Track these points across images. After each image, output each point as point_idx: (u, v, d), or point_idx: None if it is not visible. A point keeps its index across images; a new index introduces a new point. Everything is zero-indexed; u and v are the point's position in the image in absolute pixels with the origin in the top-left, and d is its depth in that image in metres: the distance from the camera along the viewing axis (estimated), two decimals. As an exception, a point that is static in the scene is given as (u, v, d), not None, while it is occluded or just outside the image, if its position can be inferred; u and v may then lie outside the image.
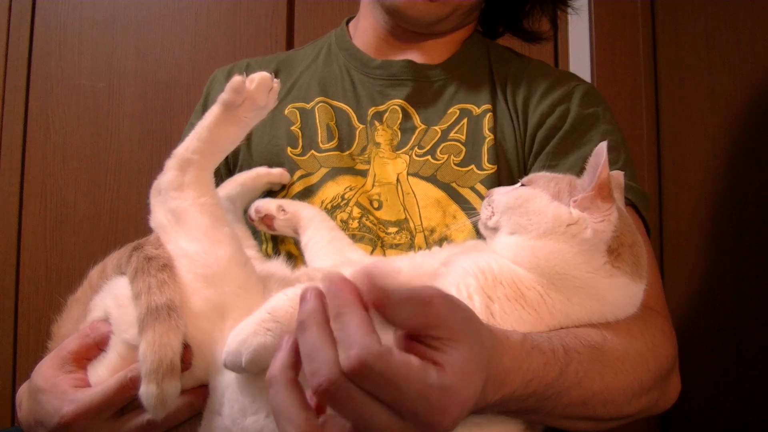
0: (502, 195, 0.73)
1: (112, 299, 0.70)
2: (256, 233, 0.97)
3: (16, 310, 1.64)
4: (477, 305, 0.63)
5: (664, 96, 1.55)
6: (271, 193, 0.98)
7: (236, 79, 0.71)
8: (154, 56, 1.68)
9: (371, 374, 0.44)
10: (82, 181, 1.66)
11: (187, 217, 0.68)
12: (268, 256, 0.96)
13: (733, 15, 1.34)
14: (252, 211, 0.92)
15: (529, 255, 0.66)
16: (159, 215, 0.70)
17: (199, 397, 0.66)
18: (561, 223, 0.66)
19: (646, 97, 1.55)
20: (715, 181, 1.35)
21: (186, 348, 0.63)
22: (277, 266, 0.81)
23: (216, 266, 0.66)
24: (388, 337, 0.48)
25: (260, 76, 0.72)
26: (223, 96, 0.71)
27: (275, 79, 0.73)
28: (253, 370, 0.53)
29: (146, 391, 0.60)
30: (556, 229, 0.66)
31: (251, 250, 0.93)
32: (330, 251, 0.86)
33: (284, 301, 0.55)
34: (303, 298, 0.50)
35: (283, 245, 0.95)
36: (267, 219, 0.91)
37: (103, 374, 0.68)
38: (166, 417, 0.63)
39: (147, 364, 0.60)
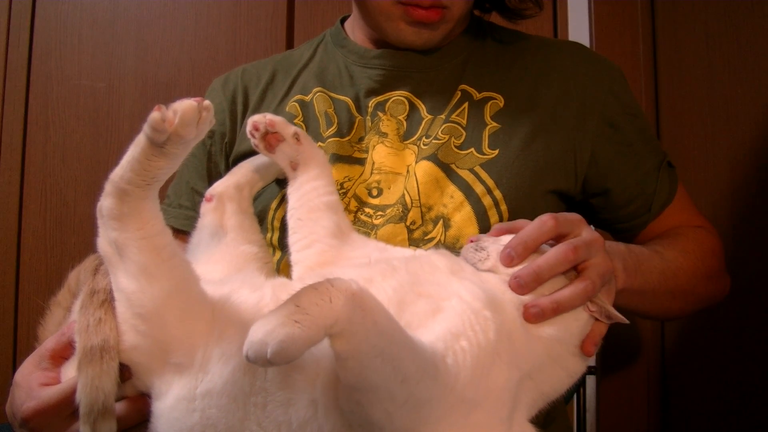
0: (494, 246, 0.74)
1: None
2: (263, 223, 0.95)
3: (16, 310, 1.65)
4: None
5: (664, 96, 1.55)
6: (280, 182, 0.95)
7: (154, 116, 0.61)
8: (154, 56, 1.69)
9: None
10: (82, 181, 1.66)
11: (127, 252, 0.65)
12: (272, 246, 0.94)
13: (733, 15, 1.33)
14: (262, 122, 0.85)
15: None
16: (103, 242, 0.68)
17: (146, 403, 0.68)
18: None
19: (646, 97, 1.55)
20: (715, 180, 1.35)
21: (124, 368, 0.66)
22: (243, 293, 0.73)
23: (151, 304, 0.65)
24: None
25: (183, 110, 0.61)
26: (146, 130, 0.63)
27: (205, 103, 0.63)
28: (278, 362, 0.49)
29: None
30: None
31: (253, 245, 0.90)
32: (326, 211, 0.84)
33: (313, 294, 0.51)
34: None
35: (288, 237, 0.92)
36: (273, 138, 0.85)
37: (71, 374, 0.69)
38: (117, 420, 0.66)
39: (81, 407, 0.64)
